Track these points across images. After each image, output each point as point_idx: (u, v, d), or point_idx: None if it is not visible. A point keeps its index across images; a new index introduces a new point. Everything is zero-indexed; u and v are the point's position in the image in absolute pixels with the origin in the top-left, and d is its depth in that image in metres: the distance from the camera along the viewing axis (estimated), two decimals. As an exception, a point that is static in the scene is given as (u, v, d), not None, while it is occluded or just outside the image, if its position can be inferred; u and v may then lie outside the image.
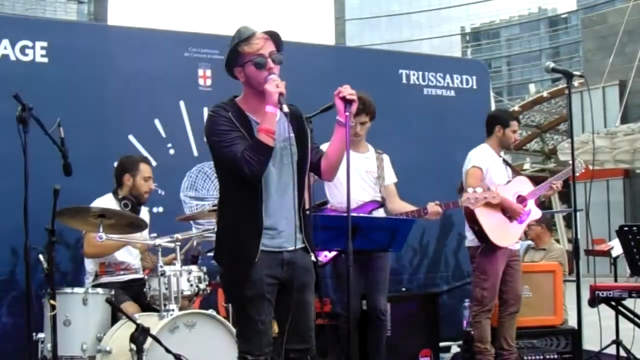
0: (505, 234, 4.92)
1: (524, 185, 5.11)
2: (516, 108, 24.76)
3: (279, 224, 2.91)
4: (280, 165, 2.93)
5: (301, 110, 3.05)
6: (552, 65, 4.12)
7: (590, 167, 13.55)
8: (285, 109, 2.79)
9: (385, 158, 4.72)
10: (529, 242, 7.19)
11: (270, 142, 2.80)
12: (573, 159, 4.38)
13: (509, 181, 5.06)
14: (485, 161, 4.98)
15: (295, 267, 2.94)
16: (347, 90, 2.92)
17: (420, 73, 6.18)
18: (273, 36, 2.95)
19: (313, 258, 3.00)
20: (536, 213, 5.15)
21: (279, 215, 2.91)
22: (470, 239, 5.01)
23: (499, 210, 4.88)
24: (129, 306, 4.12)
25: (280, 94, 2.78)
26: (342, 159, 3.02)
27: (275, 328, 3.05)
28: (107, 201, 4.39)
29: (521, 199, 5.00)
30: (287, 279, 2.93)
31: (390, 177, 4.71)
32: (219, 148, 2.87)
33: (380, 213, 4.59)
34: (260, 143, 2.79)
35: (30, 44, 4.85)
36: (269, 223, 2.89)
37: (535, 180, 5.58)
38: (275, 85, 2.80)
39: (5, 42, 4.78)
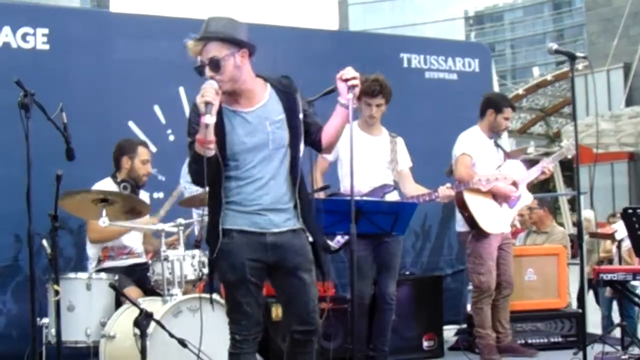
0: (495, 219, 4.89)
1: (516, 169, 5.04)
2: (520, 91, 24.70)
3: (262, 204, 2.90)
4: (272, 149, 2.92)
5: (295, 84, 3.00)
6: (555, 46, 4.07)
7: (594, 150, 13.52)
8: (209, 119, 2.63)
9: (400, 141, 4.67)
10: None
11: (202, 151, 2.72)
12: (577, 143, 4.34)
13: (499, 165, 5.00)
14: (474, 146, 4.92)
15: (284, 250, 2.94)
16: (350, 74, 2.90)
17: (422, 56, 6.12)
18: (212, 37, 2.84)
19: (311, 239, 2.99)
20: (527, 198, 5.11)
21: (264, 197, 2.90)
22: (461, 225, 4.98)
23: (489, 195, 4.85)
24: (132, 291, 4.13)
25: (206, 103, 2.65)
26: (338, 138, 3.04)
27: (279, 312, 3.06)
28: (106, 185, 4.40)
29: (512, 184, 4.92)
30: (275, 262, 2.95)
31: (405, 161, 4.66)
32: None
33: (394, 196, 4.56)
34: (194, 154, 2.79)
35: (31, 30, 4.83)
36: (250, 203, 2.90)
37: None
38: (200, 95, 2.68)
39: (7, 29, 4.76)
